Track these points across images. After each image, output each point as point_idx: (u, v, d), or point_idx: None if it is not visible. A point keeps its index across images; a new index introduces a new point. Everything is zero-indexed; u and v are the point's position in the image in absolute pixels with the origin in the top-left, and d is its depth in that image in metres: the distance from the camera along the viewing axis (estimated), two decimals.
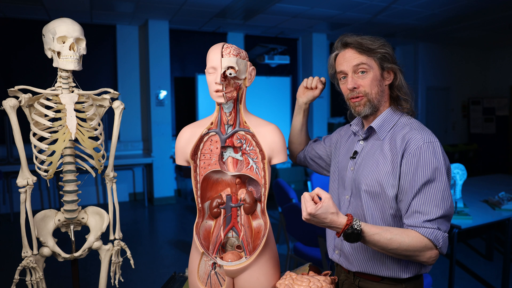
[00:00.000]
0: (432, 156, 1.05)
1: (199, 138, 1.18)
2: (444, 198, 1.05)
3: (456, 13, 5.44)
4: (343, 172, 1.26)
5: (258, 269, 1.15)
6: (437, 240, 1.03)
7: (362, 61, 1.14)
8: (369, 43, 1.14)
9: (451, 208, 1.06)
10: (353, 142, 1.28)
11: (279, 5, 4.95)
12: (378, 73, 1.15)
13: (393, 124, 1.17)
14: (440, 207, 1.04)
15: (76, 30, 1.21)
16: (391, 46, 1.18)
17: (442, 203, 1.04)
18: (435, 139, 1.09)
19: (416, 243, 1.02)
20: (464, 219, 2.46)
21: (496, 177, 4.02)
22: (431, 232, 1.03)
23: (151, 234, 4.63)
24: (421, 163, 1.05)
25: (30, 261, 1.22)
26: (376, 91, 1.15)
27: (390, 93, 1.20)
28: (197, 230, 1.19)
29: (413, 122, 1.16)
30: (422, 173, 1.05)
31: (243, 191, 1.23)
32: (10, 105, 1.16)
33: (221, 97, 1.10)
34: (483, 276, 3.17)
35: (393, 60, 1.17)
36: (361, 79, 1.15)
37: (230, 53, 1.10)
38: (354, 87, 1.15)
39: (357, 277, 1.21)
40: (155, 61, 5.72)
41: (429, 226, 1.03)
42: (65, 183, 1.29)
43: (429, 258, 1.04)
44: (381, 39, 1.17)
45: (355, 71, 1.15)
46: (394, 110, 1.19)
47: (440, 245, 1.03)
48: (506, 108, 8.01)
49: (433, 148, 1.06)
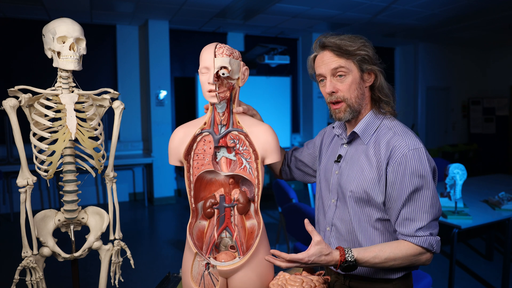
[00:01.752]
0: (418, 163, 1.06)
1: (193, 138, 1.18)
2: (433, 204, 1.07)
3: (456, 13, 5.44)
4: (328, 175, 1.25)
5: (251, 269, 1.15)
6: (431, 245, 1.06)
7: (340, 64, 1.11)
8: (348, 44, 1.10)
9: (439, 210, 1.10)
10: (337, 144, 1.27)
11: (279, 5, 4.95)
12: (358, 76, 1.12)
13: (376, 127, 1.15)
14: (430, 213, 1.06)
15: (76, 30, 1.21)
16: (372, 46, 1.15)
17: (432, 208, 1.07)
18: (420, 144, 1.09)
19: (411, 253, 1.06)
20: (464, 219, 2.45)
21: (496, 177, 4.02)
22: (424, 240, 1.06)
23: (151, 234, 4.63)
24: (408, 171, 1.06)
25: (30, 261, 1.22)
26: (356, 95, 1.13)
27: (371, 94, 1.18)
28: (191, 231, 1.19)
29: (396, 125, 1.15)
30: (410, 182, 1.06)
31: (236, 191, 1.23)
32: (10, 105, 1.16)
33: (214, 97, 1.10)
34: (483, 276, 3.17)
35: (373, 61, 1.13)
36: (340, 83, 1.12)
37: (223, 53, 1.10)
38: (333, 91, 1.13)
39: (347, 277, 1.21)
40: (155, 61, 5.72)
41: (421, 234, 1.06)
42: (65, 183, 1.29)
43: (425, 261, 1.09)
44: (361, 39, 1.13)
45: (334, 74, 1.12)
46: (375, 113, 1.17)
47: (434, 249, 1.07)
48: (506, 108, 8.00)
49: (418, 155, 1.06)
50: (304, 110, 7.20)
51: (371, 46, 1.14)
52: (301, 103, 7.28)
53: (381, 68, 1.15)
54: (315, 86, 6.90)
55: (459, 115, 8.55)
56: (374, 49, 1.16)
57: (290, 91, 6.58)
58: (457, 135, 8.52)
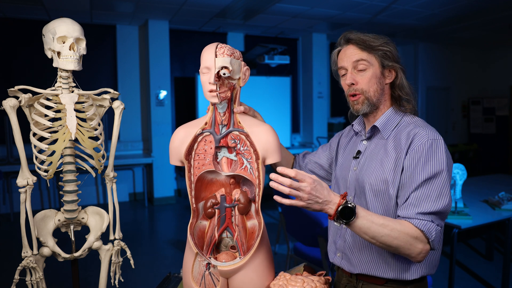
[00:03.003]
0: (435, 154, 1.05)
1: (193, 138, 1.18)
2: (442, 195, 1.04)
3: (456, 13, 5.44)
4: (345, 173, 1.25)
5: (252, 269, 1.15)
6: (429, 232, 1.01)
7: (362, 57, 1.13)
8: (371, 40, 1.14)
9: (447, 206, 1.05)
10: (356, 142, 1.27)
11: (279, 5, 4.95)
12: (378, 71, 1.15)
13: (396, 123, 1.16)
14: (435, 203, 1.03)
15: (76, 30, 1.21)
16: (395, 46, 1.18)
17: (438, 200, 1.03)
18: (439, 136, 1.09)
19: (408, 232, 1.00)
20: (464, 219, 2.45)
21: (496, 177, 4.02)
22: (424, 224, 1.01)
23: (151, 234, 4.63)
24: (423, 159, 1.05)
25: (30, 261, 1.22)
26: (375, 89, 1.15)
27: (391, 92, 1.20)
28: (191, 231, 1.19)
29: (417, 120, 1.16)
30: (424, 170, 1.04)
31: (237, 191, 1.23)
32: (10, 105, 1.16)
33: (215, 97, 1.11)
34: (483, 276, 3.17)
35: (395, 59, 1.16)
36: (360, 76, 1.14)
37: (224, 53, 1.10)
38: (352, 83, 1.15)
39: (360, 280, 1.19)
40: (155, 61, 5.71)
41: (422, 218, 1.02)
42: (65, 183, 1.29)
43: (419, 253, 1.02)
44: (385, 38, 1.16)
45: (355, 67, 1.15)
46: (396, 109, 1.19)
47: (432, 237, 1.01)
48: (506, 108, 8.00)
49: (436, 145, 1.06)
50: (304, 110, 7.20)
51: (394, 45, 1.17)
52: (301, 103, 7.28)
53: (403, 67, 1.17)
54: (315, 86, 6.90)
55: (459, 115, 8.55)
56: (397, 49, 1.18)
57: (290, 91, 6.58)
58: (457, 135, 8.52)
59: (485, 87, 8.60)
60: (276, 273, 1.24)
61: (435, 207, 1.03)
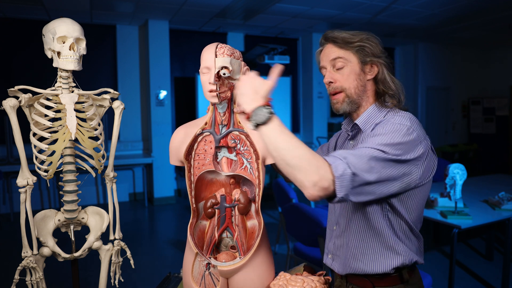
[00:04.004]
0: (392, 131, 0.99)
1: (193, 138, 1.18)
2: (372, 162, 0.92)
3: (456, 13, 5.44)
4: None
5: (252, 269, 1.15)
6: (336, 168, 0.88)
7: (339, 55, 1.12)
8: (349, 36, 1.11)
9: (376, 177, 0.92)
10: (345, 142, 1.26)
11: (279, 5, 4.95)
12: (357, 67, 1.12)
13: (379, 120, 1.12)
14: (363, 163, 0.91)
15: (76, 30, 1.21)
16: (378, 41, 1.14)
17: (368, 162, 0.92)
18: (409, 123, 1.02)
19: (315, 158, 0.89)
20: (464, 219, 2.45)
21: (496, 177, 4.02)
22: (334, 160, 0.90)
23: (151, 234, 4.63)
24: (375, 133, 1.01)
25: (30, 261, 1.22)
26: (355, 85, 1.12)
27: (376, 88, 1.15)
28: (191, 231, 1.19)
29: (397, 113, 1.10)
30: (369, 140, 0.99)
31: (237, 191, 1.23)
32: (10, 105, 1.16)
33: (215, 97, 1.11)
34: (483, 276, 3.16)
35: (375, 53, 1.12)
36: (338, 73, 1.13)
37: (224, 53, 1.11)
38: (330, 81, 1.14)
39: (350, 283, 1.18)
40: (155, 61, 5.71)
41: (339, 157, 0.91)
42: (65, 183, 1.29)
43: (313, 184, 0.87)
44: (367, 33, 1.13)
45: (333, 65, 1.13)
46: (379, 106, 1.15)
47: (338, 173, 0.87)
48: (506, 108, 8.00)
49: (398, 128, 0.99)
50: (304, 110, 7.20)
51: (376, 40, 1.14)
52: (301, 103, 7.28)
53: (385, 61, 1.13)
54: (315, 86, 6.90)
55: (459, 115, 8.54)
56: (381, 44, 1.15)
57: (290, 91, 6.58)
58: (457, 135, 8.51)
59: (485, 87, 8.60)
60: (276, 273, 1.24)
61: (358, 164, 0.91)
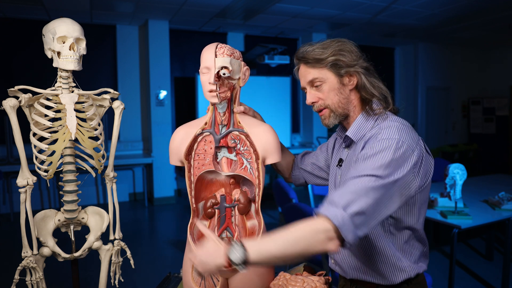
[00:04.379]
0: (380, 152, 0.97)
1: (193, 139, 1.18)
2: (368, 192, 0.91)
3: (456, 13, 5.44)
4: (332, 182, 1.25)
5: (252, 269, 1.15)
6: (335, 217, 0.86)
7: (314, 76, 1.11)
8: (318, 53, 1.08)
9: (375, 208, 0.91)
10: (340, 149, 1.26)
11: (279, 5, 4.95)
12: (335, 82, 1.10)
13: (369, 128, 1.11)
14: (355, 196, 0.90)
15: (76, 30, 1.22)
16: (351, 46, 1.11)
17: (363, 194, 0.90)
18: (398, 135, 1.00)
19: (312, 223, 0.87)
20: (464, 219, 2.46)
21: (496, 177, 4.02)
22: (328, 210, 0.88)
23: (151, 234, 4.63)
24: (364, 156, 1.00)
25: (30, 261, 1.22)
26: (338, 100, 1.11)
27: (360, 95, 1.14)
28: (191, 231, 1.19)
29: (385, 122, 1.08)
30: (360, 166, 0.98)
31: (237, 192, 1.23)
32: (10, 105, 1.16)
33: (215, 97, 1.11)
34: (483, 276, 3.17)
35: (349, 63, 1.09)
36: (319, 92, 1.12)
37: (224, 53, 1.11)
38: (313, 102, 1.13)
39: (354, 285, 1.19)
40: (155, 61, 5.72)
41: (331, 205, 0.89)
42: (65, 183, 1.29)
43: (325, 240, 0.85)
44: (337, 42, 1.10)
45: (311, 85, 1.13)
46: (366, 115, 1.13)
47: (338, 222, 0.85)
48: (506, 108, 8.00)
49: (387, 145, 0.98)
50: (304, 110, 7.20)
51: (349, 46, 1.10)
52: (301, 103, 7.28)
53: (363, 66, 1.10)
54: None
55: (459, 115, 8.54)
56: (355, 46, 1.11)
57: (290, 91, 6.58)
58: (457, 135, 8.51)
59: (485, 87, 8.60)
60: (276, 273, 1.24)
61: (350, 199, 0.90)
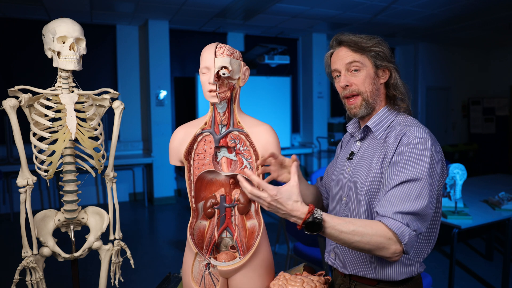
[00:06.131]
0: (420, 154, 1.03)
1: (193, 138, 1.18)
2: (421, 196, 1.01)
3: (456, 13, 5.44)
4: (340, 174, 1.25)
5: (252, 269, 1.15)
6: (402, 235, 0.98)
7: (354, 59, 1.13)
8: (363, 41, 1.13)
9: (426, 208, 1.02)
10: (350, 144, 1.27)
11: (279, 5, 4.95)
12: (372, 71, 1.14)
13: (389, 123, 1.15)
14: (413, 203, 1.00)
15: (76, 30, 1.21)
16: (387, 45, 1.17)
17: (417, 201, 1.00)
18: (429, 136, 1.07)
19: (380, 234, 0.98)
20: (464, 219, 2.45)
21: (496, 177, 4.02)
22: (399, 227, 0.99)
23: (151, 234, 4.63)
24: (405, 158, 1.04)
25: (30, 261, 1.22)
26: (371, 89, 1.14)
27: (386, 92, 1.19)
28: (191, 231, 1.19)
29: (408, 119, 1.15)
30: (406, 169, 1.03)
31: (237, 191, 1.23)
32: (10, 105, 1.16)
33: (215, 97, 1.11)
34: (483, 276, 3.17)
35: (388, 58, 1.15)
36: (354, 77, 1.14)
37: (223, 53, 1.11)
38: (347, 85, 1.14)
39: (353, 280, 1.19)
40: (155, 61, 5.72)
41: (398, 219, 0.99)
42: (65, 183, 1.29)
43: (393, 253, 0.99)
44: (377, 38, 1.16)
45: (348, 69, 1.14)
46: (390, 109, 1.18)
47: (405, 241, 0.98)
48: (506, 108, 8.00)
49: (424, 145, 1.04)
50: (304, 110, 7.20)
51: (387, 45, 1.16)
52: (301, 103, 7.28)
53: (396, 66, 1.16)
54: (315, 86, 6.90)
55: (459, 115, 8.54)
56: (390, 49, 1.17)
57: (290, 91, 6.58)
58: (457, 135, 8.51)
59: (485, 87, 8.60)
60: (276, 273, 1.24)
61: (412, 207, 1.00)
